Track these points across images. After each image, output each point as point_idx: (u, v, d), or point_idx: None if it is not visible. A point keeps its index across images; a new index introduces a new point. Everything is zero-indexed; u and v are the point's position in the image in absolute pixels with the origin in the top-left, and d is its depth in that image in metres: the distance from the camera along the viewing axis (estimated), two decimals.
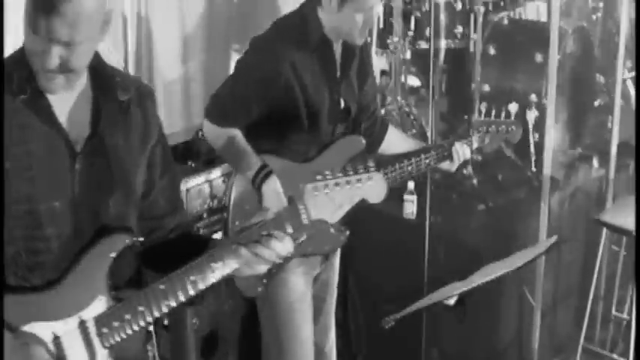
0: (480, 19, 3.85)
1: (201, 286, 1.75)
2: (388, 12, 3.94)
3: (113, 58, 3.25)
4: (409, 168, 2.64)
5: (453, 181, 3.80)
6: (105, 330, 1.73)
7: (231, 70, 2.62)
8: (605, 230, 3.39)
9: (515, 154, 3.93)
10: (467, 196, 3.75)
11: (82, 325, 1.73)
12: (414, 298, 2.35)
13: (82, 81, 1.76)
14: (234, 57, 4.35)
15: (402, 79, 4.09)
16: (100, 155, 1.76)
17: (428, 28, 3.97)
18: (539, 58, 3.86)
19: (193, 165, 3.15)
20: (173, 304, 1.75)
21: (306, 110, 2.49)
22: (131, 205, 1.82)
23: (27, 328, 1.70)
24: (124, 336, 1.75)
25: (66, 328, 1.72)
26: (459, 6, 3.91)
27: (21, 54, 1.70)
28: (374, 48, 4.08)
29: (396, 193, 3.60)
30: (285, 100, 2.46)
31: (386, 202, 3.60)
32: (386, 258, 3.68)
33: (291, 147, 2.52)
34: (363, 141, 2.59)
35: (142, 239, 1.80)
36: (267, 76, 2.44)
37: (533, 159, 3.87)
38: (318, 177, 1.73)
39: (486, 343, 3.63)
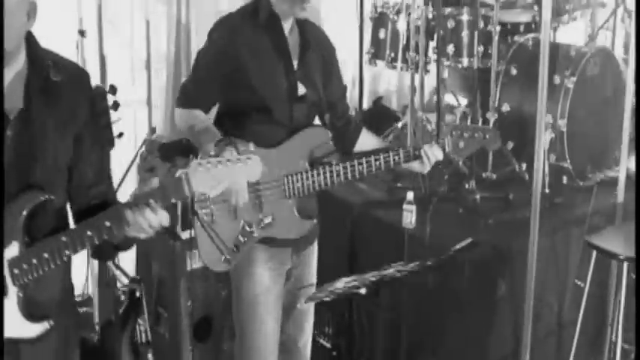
0: (496, 38, 3.91)
1: (96, 240, 1.99)
2: (411, 29, 4.07)
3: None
4: (377, 163, 2.72)
5: (458, 195, 3.87)
6: (16, 271, 2.02)
7: None
8: (595, 253, 3.35)
9: (529, 175, 3.95)
10: (469, 211, 3.80)
11: None
12: None
13: (20, 62, 2.06)
14: None
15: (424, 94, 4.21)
16: (30, 125, 2.04)
17: (449, 46, 4.09)
18: (557, 80, 3.87)
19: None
20: (71, 253, 2.00)
21: (260, 86, 2.66)
22: (57, 172, 2.10)
23: None
24: (31, 277, 2.02)
25: None
26: (480, 25, 3.99)
27: None
28: (399, 63, 4.23)
29: (397, 204, 3.73)
30: (239, 75, 2.64)
31: (386, 210, 3.81)
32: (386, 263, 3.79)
33: (255, 130, 2.67)
34: (329, 134, 2.74)
35: (52, 197, 2.06)
36: (222, 51, 2.64)
37: (547, 180, 3.87)
38: (205, 156, 1.93)
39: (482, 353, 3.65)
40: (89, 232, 1.99)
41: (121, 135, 2.95)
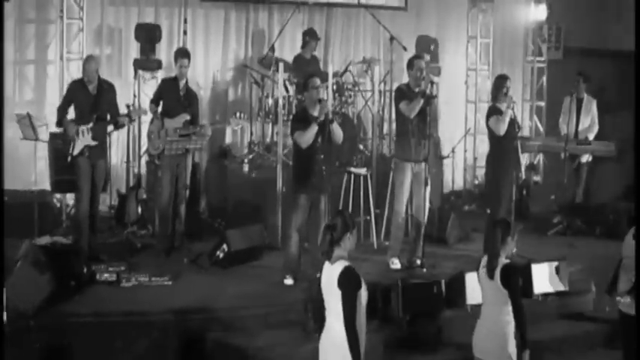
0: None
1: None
2: None
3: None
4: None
5: None
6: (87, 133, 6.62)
7: None
8: None
9: None
10: None
11: None
12: None
13: (95, 82, 7.34)
14: None
15: None
16: (97, 97, 7.36)
17: None
18: None
19: None
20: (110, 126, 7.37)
21: (166, 97, 7.70)
22: (108, 108, 7.46)
23: None
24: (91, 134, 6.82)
25: None
26: None
27: None
28: None
29: None
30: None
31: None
32: None
33: (167, 110, 7.62)
34: (188, 117, 7.52)
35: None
36: (160, 87, 8.05)
37: None
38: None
39: None
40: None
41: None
